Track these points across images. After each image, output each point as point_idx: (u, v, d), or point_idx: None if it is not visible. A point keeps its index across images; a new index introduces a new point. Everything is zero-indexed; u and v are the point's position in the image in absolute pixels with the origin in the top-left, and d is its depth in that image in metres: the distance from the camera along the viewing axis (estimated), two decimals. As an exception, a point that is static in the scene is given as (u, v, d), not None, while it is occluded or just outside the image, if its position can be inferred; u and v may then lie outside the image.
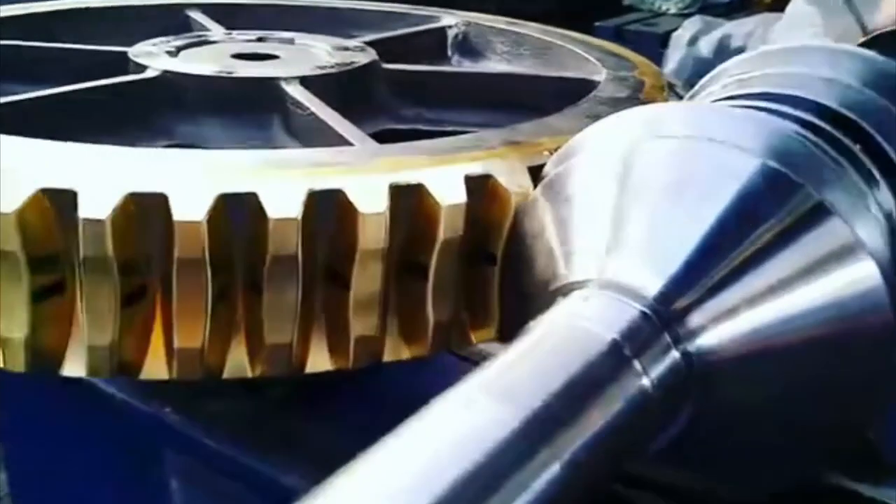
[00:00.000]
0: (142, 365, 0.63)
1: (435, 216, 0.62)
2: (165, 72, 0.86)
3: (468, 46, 1.18)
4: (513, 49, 1.14)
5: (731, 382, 0.55)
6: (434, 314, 0.64)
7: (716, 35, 1.89)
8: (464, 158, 0.66)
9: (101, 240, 0.57)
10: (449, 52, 1.18)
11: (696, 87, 0.85)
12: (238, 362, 0.63)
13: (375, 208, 0.60)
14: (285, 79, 0.85)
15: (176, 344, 0.60)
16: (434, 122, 0.95)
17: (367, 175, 0.62)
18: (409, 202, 0.62)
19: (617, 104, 0.82)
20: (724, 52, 1.90)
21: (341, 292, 0.62)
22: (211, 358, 0.62)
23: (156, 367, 0.63)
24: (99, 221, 0.56)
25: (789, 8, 1.90)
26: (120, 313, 0.59)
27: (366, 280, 0.62)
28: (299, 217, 0.58)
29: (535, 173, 0.65)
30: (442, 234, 0.62)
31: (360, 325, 0.63)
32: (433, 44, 1.17)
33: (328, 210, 0.61)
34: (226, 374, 0.63)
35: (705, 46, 1.89)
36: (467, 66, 1.16)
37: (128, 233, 0.58)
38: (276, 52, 0.96)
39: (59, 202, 0.58)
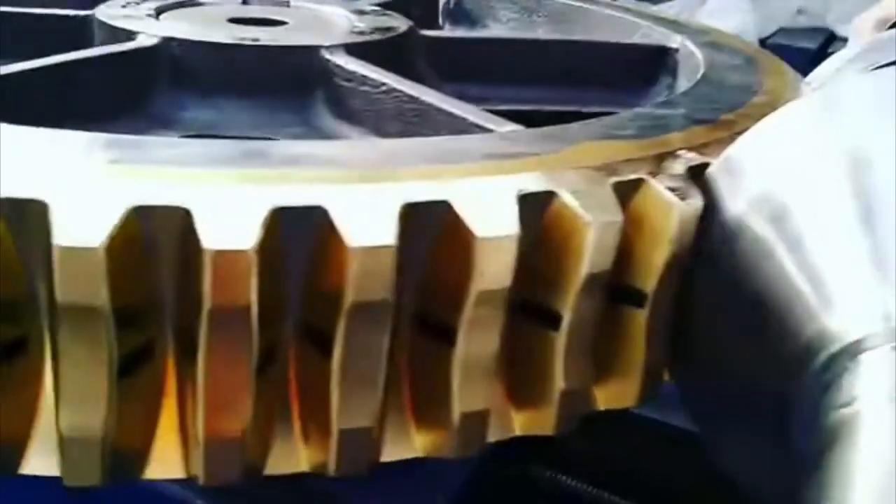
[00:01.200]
0: (266, 458, 0.43)
1: (663, 222, 0.45)
2: (167, 39, 0.64)
3: (462, 13, 1.01)
4: (522, 16, 0.98)
5: None
6: (649, 352, 0.48)
7: (641, 20, 1.80)
8: (669, 142, 0.50)
9: (240, 280, 0.37)
10: (440, 21, 1.00)
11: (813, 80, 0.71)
12: (423, 442, 0.44)
13: (606, 216, 0.43)
14: (328, 47, 0.66)
15: (335, 425, 0.41)
16: (479, 100, 0.77)
17: (571, 170, 0.45)
18: (630, 206, 0.45)
19: (745, 72, 0.68)
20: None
21: (546, 335, 0.45)
22: (378, 439, 0.43)
23: (286, 458, 0.43)
24: (240, 253, 0.37)
25: (714, -9, 1.83)
26: (255, 383, 0.40)
27: (582, 317, 0.44)
28: (516, 234, 0.41)
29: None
30: (672, 247, 0.46)
31: (572, 376, 0.46)
32: (422, 12, 0.98)
33: (535, 221, 0.43)
34: (385, 457, 0.45)
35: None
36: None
37: (271, 267, 0.39)
38: (279, 17, 0.76)
39: (158, 226, 0.38)
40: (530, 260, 0.43)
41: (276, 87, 0.65)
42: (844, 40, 1.21)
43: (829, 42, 1.27)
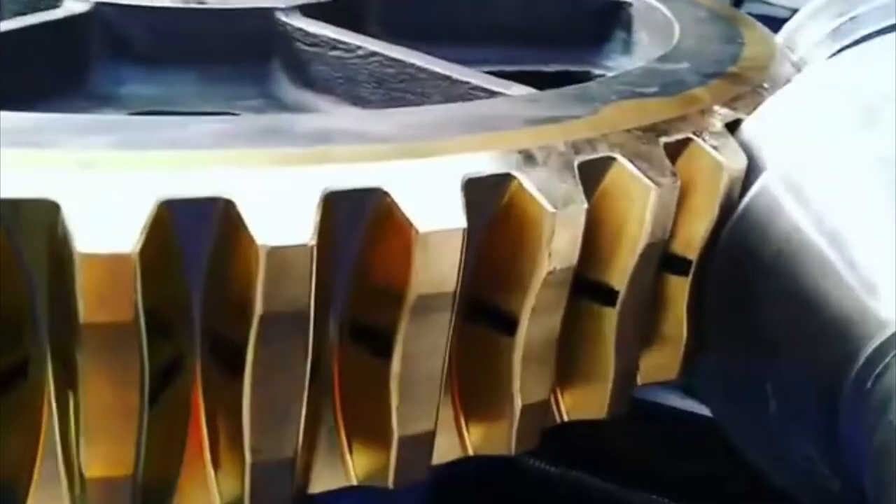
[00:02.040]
0: (310, 474, 0.38)
1: (711, 183, 0.42)
2: (100, 4, 0.57)
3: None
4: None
5: None
6: (690, 323, 0.45)
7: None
8: (700, 99, 0.46)
9: (298, 279, 0.32)
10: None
11: (785, 38, 0.69)
12: (476, 439, 0.40)
13: (666, 179, 0.39)
14: (284, 9, 0.59)
15: (395, 431, 0.36)
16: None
17: (621, 133, 0.41)
18: (677, 166, 0.42)
19: (716, 24, 0.66)
20: None
21: (599, 311, 0.41)
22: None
23: (334, 472, 0.38)
24: (299, 248, 0.31)
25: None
26: (305, 400, 0.34)
27: (638, 290, 0.41)
28: (585, 207, 0.37)
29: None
30: (719, 209, 0.43)
31: (626, 352, 0.42)
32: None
33: (593, 189, 0.39)
34: (435, 460, 0.40)
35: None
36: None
37: (323, 261, 0.33)
38: (211, -22, 0.68)
39: (193, 221, 0.32)
40: (586, 233, 0.39)
41: (228, 55, 0.58)
42: (757, -1, 1.21)
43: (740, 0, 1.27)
